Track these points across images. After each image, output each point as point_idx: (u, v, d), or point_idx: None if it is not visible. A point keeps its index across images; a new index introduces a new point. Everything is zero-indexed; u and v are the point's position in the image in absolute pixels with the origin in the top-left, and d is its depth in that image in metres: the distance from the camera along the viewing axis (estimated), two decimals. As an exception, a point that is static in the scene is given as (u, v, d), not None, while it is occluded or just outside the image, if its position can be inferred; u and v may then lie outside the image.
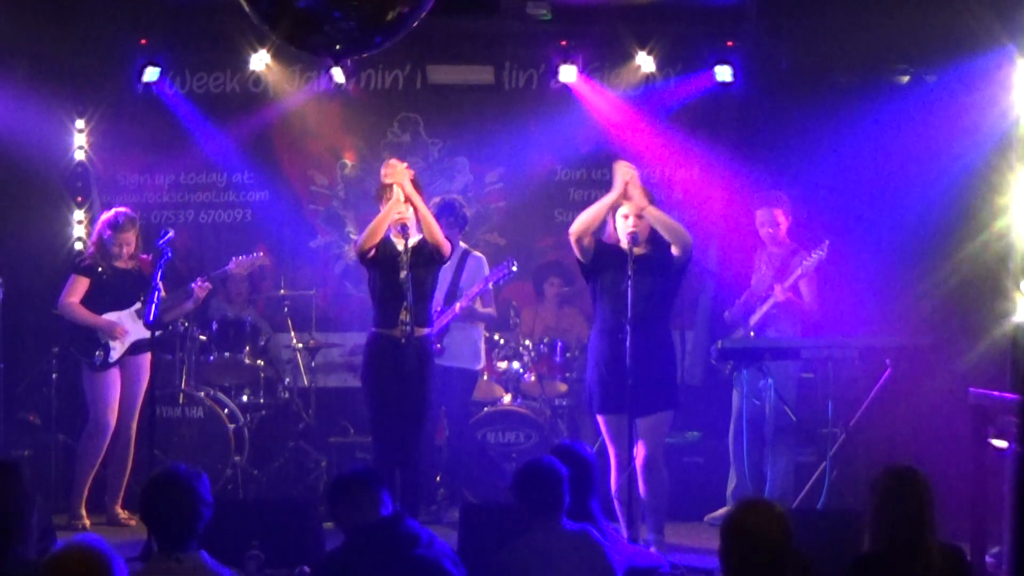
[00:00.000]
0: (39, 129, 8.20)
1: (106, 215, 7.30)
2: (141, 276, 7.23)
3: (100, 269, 7.18)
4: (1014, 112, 6.99)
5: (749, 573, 3.49)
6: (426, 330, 6.39)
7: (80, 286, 7.17)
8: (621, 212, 6.10)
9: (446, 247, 6.36)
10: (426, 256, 6.34)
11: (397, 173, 6.26)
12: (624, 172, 6.10)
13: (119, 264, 7.20)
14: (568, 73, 8.44)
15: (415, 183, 6.36)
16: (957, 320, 7.29)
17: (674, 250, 6.05)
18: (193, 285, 7.34)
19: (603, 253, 6.17)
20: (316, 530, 5.85)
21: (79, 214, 8.48)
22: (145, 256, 7.30)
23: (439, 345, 7.27)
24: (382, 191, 6.39)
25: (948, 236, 7.53)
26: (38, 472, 7.49)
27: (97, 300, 7.16)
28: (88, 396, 7.22)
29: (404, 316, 6.10)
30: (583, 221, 6.11)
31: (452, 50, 8.73)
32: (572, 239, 6.16)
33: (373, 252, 6.34)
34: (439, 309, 7.28)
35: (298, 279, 8.64)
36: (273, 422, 8.10)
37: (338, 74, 8.40)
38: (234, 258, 7.61)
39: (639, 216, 6.06)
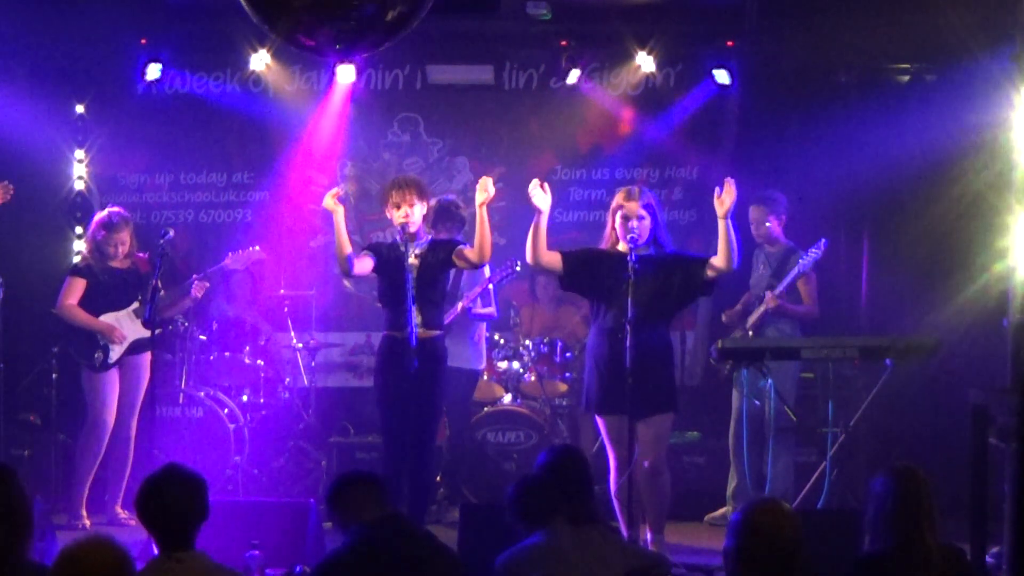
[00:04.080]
0: (39, 129, 8.20)
1: (99, 215, 7.29)
2: (138, 275, 7.23)
3: (96, 270, 7.17)
4: (1014, 112, 6.98)
5: (760, 572, 3.49)
6: (436, 332, 6.37)
7: (77, 288, 7.16)
8: (623, 213, 6.11)
9: (487, 260, 6.36)
10: (438, 259, 6.31)
11: (489, 186, 6.13)
12: (531, 190, 6.07)
13: (115, 264, 7.20)
14: (573, 76, 8.46)
15: (423, 189, 6.39)
16: (957, 319, 7.29)
17: (719, 262, 6.02)
18: (191, 283, 7.33)
19: (589, 259, 6.17)
20: (316, 530, 5.85)
21: (79, 212, 8.48)
22: (141, 255, 7.30)
23: (442, 345, 7.26)
24: (385, 194, 6.38)
25: (948, 235, 7.54)
26: (38, 472, 7.50)
27: (95, 301, 7.16)
28: (87, 396, 7.22)
29: (414, 318, 6.11)
30: (528, 247, 6.13)
31: (452, 50, 8.73)
32: (533, 265, 6.21)
33: (372, 265, 6.33)
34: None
35: (298, 279, 8.65)
36: (273, 422, 8.09)
37: (345, 73, 8.40)
38: (230, 253, 7.61)
39: (639, 218, 6.06)
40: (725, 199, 6.02)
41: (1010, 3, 6.81)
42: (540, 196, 6.06)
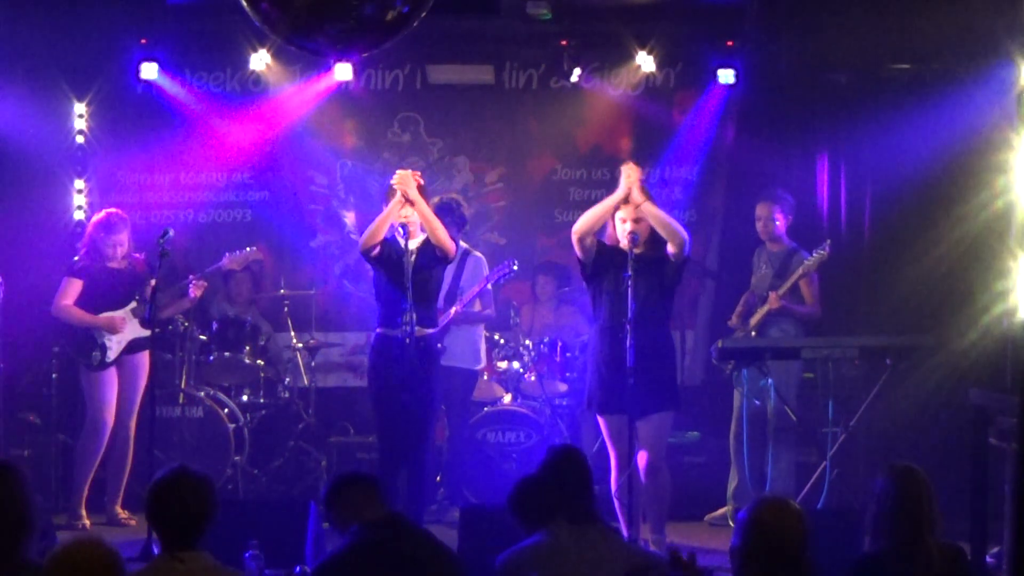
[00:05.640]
0: (39, 128, 8.19)
1: (97, 216, 7.29)
2: (135, 275, 7.22)
3: (93, 270, 7.17)
4: (1013, 113, 6.99)
5: (767, 570, 3.49)
6: (430, 330, 6.39)
7: (73, 288, 7.15)
8: (619, 215, 6.11)
9: (451, 248, 6.39)
10: (430, 257, 6.35)
11: (404, 179, 6.30)
12: (629, 173, 6.10)
13: (112, 264, 7.19)
14: (576, 74, 8.47)
15: (420, 188, 6.39)
16: (956, 319, 7.29)
17: (670, 248, 6.05)
18: (189, 283, 7.33)
19: (604, 254, 6.17)
20: (316, 530, 5.85)
21: (79, 214, 8.48)
22: (137, 255, 7.30)
23: (440, 345, 7.27)
24: (391, 192, 6.41)
25: (948, 235, 7.53)
26: (38, 472, 7.49)
27: (92, 301, 7.15)
28: (86, 396, 7.22)
29: (407, 316, 6.11)
30: (586, 220, 6.11)
31: (452, 50, 8.73)
32: (574, 238, 6.16)
33: (377, 251, 6.36)
34: (438, 308, 7.28)
35: (298, 279, 8.64)
36: (273, 422, 8.10)
37: (344, 71, 8.40)
38: (227, 253, 7.60)
39: (636, 220, 6.05)
40: (633, 187, 6.00)
41: (1010, 3, 6.81)
42: (628, 183, 6.05)
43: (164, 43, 8.41)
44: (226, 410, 7.70)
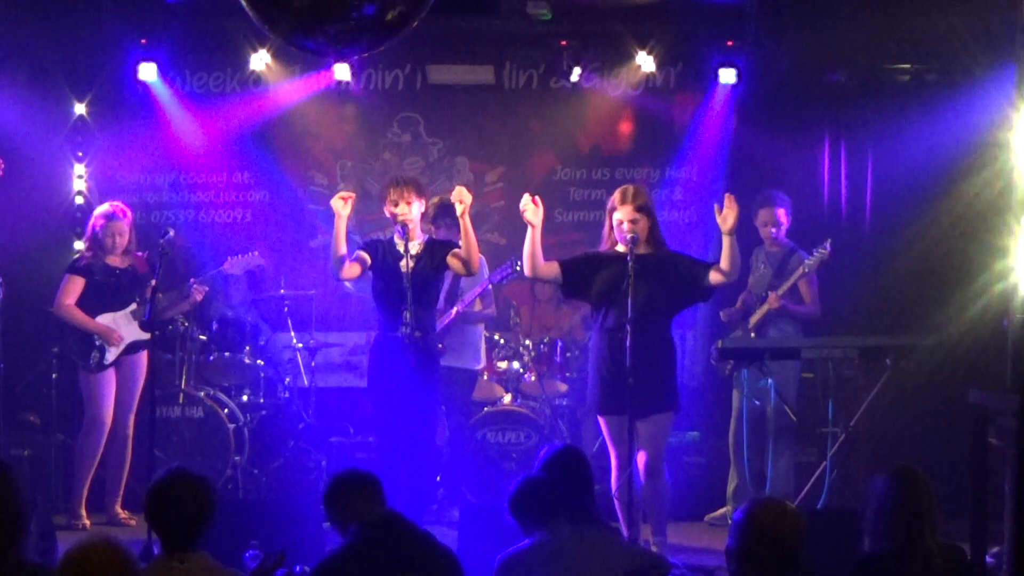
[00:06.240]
0: (39, 128, 8.20)
1: (99, 209, 7.31)
2: (136, 275, 7.23)
3: (95, 268, 7.17)
4: (1012, 113, 6.99)
5: (763, 571, 3.49)
6: (428, 333, 6.38)
7: (75, 287, 7.15)
8: (616, 216, 6.10)
9: (476, 268, 6.48)
10: (432, 260, 6.34)
11: (463, 195, 6.25)
12: (534, 202, 6.07)
13: (113, 262, 7.19)
14: (576, 74, 8.47)
15: (421, 187, 6.40)
16: (956, 318, 7.29)
17: (716, 275, 6.01)
18: (191, 287, 7.34)
19: (584, 265, 6.17)
20: (316, 530, 5.85)
21: (78, 214, 8.48)
22: (139, 254, 7.29)
23: (440, 345, 7.27)
24: (383, 192, 6.42)
25: (948, 234, 7.54)
26: (38, 472, 7.49)
27: (93, 301, 7.15)
28: (84, 396, 7.22)
29: (407, 318, 6.11)
30: (526, 261, 6.14)
31: (452, 50, 8.74)
32: (531, 277, 6.24)
33: (359, 270, 6.37)
34: (439, 309, 7.29)
35: (298, 279, 8.64)
36: (273, 422, 8.09)
37: (342, 71, 8.41)
38: (228, 257, 7.61)
39: (633, 221, 6.05)
40: (728, 216, 5.96)
41: (1010, 3, 6.81)
42: (532, 211, 6.07)
43: (163, 43, 8.42)
44: (226, 410, 7.70)
